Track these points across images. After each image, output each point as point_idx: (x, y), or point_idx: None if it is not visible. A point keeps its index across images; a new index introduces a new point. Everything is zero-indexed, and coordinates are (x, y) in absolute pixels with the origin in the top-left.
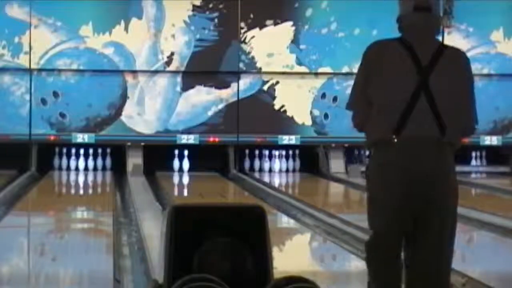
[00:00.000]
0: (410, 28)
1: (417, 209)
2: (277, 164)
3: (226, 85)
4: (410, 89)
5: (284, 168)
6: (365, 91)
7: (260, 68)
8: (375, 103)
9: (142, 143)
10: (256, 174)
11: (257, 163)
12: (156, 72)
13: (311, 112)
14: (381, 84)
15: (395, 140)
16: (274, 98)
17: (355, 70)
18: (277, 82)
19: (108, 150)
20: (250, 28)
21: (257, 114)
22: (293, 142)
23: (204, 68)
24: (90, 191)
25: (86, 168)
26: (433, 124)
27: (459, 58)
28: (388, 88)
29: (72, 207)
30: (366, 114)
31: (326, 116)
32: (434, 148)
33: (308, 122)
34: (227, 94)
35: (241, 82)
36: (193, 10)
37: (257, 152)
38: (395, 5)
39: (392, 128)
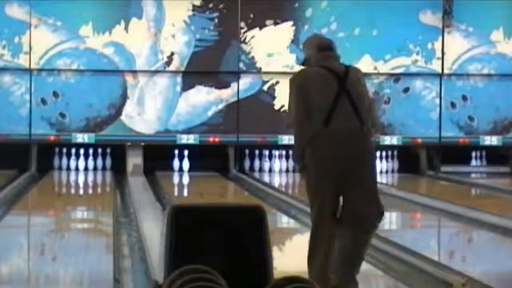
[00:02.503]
0: (319, 61)
1: (344, 179)
2: (277, 164)
3: (226, 85)
4: (333, 94)
5: (284, 168)
6: (304, 106)
7: (260, 68)
8: (311, 108)
9: (142, 143)
10: (256, 174)
11: (257, 163)
12: (156, 72)
13: None
14: (313, 95)
15: (323, 132)
16: (274, 98)
17: None
18: (277, 82)
19: (108, 150)
20: (250, 28)
21: (257, 114)
22: (293, 142)
23: (204, 68)
24: (90, 191)
25: (86, 168)
26: (354, 118)
27: (358, 73)
28: (319, 96)
29: (72, 207)
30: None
31: None
32: (356, 135)
33: None
34: (227, 94)
35: (241, 82)
36: (193, 10)
37: (257, 152)
38: (395, 5)
39: (321, 123)
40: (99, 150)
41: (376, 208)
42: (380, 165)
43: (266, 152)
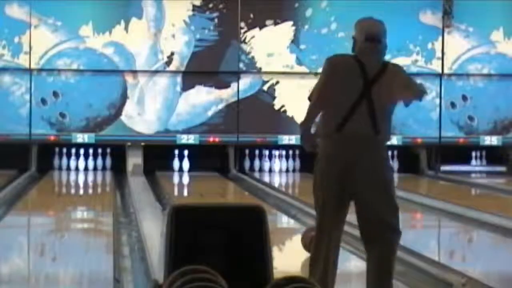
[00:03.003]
0: (361, 51)
1: (352, 188)
2: (277, 164)
3: (226, 85)
4: (355, 96)
5: (284, 168)
6: (325, 92)
7: (260, 68)
8: (329, 102)
9: (142, 143)
10: (256, 174)
11: (257, 163)
12: (156, 72)
13: None
14: (335, 88)
15: (336, 135)
16: (274, 98)
17: None
18: (277, 82)
19: (108, 150)
20: (250, 28)
21: (257, 114)
22: (293, 142)
23: (204, 68)
24: (90, 191)
25: (86, 168)
26: (369, 124)
27: (398, 71)
28: (339, 93)
29: (72, 207)
30: (316, 110)
31: None
32: (369, 143)
33: None
34: (227, 94)
35: (241, 82)
36: (193, 10)
37: (257, 152)
38: (395, 5)
39: (336, 125)
40: (99, 150)
41: (391, 212)
42: None
43: (266, 152)
